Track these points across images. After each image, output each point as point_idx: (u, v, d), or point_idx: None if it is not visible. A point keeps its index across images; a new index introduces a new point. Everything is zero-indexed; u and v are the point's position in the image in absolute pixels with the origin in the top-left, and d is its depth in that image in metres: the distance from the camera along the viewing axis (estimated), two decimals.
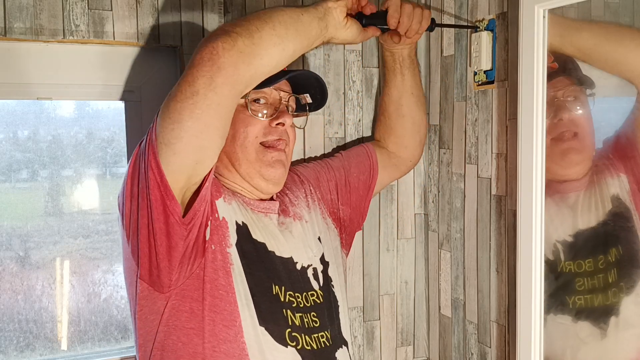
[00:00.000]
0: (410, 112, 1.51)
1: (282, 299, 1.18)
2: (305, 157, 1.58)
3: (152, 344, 1.13)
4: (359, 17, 1.27)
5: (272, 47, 1.08)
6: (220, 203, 1.17)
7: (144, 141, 1.08)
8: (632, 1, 1.13)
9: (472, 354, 1.53)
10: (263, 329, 1.14)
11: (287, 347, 1.16)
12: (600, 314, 1.19)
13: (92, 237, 1.52)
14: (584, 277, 1.20)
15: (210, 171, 1.10)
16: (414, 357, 1.74)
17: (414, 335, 1.74)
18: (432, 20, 1.36)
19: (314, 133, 1.59)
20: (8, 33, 1.31)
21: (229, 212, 1.18)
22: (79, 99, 1.49)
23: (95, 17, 1.37)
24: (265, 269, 1.19)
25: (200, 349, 1.11)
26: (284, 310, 1.18)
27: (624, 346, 1.17)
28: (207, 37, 1.05)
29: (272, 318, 1.16)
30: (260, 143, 1.22)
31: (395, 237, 1.70)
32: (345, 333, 1.29)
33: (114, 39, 1.39)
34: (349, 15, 1.22)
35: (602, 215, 1.19)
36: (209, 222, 1.13)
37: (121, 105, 1.46)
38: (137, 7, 1.40)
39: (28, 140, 1.49)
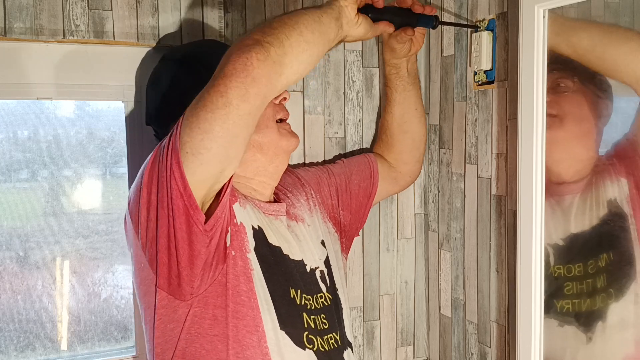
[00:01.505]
0: (412, 128, 1.52)
1: (298, 302, 1.19)
2: (305, 157, 1.58)
3: (173, 352, 1.12)
4: (365, 10, 1.23)
5: (301, 54, 1.07)
6: (237, 207, 1.17)
7: (165, 149, 1.05)
8: (632, 1, 1.12)
9: (472, 354, 1.53)
10: (284, 333, 1.15)
11: (304, 349, 1.16)
12: (587, 319, 1.18)
13: (92, 237, 1.52)
14: (573, 282, 1.20)
15: (230, 177, 1.10)
16: (414, 357, 1.74)
17: (414, 335, 1.74)
18: (436, 17, 1.36)
19: (314, 133, 1.59)
20: (8, 33, 1.31)
21: (245, 216, 1.18)
22: (79, 99, 1.49)
23: (95, 17, 1.37)
24: (282, 273, 1.19)
25: (224, 355, 1.11)
26: (301, 313, 1.18)
27: (610, 351, 1.17)
28: (238, 47, 1.02)
29: (291, 321, 1.16)
30: (275, 121, 1.25)
31: (395, 237, 1.70)
32: (349, 335, 1.30)
33: (114, 39, 1.39)
34: (358, 11, 1.21)
35: (595, 219, 1.18)
36: (229, 228, 1.13)
37: (121, 105, 1.46)
38: (137, 7, 1.40)
39: (28, 140, 1.49)
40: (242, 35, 1.49)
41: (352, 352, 1.29)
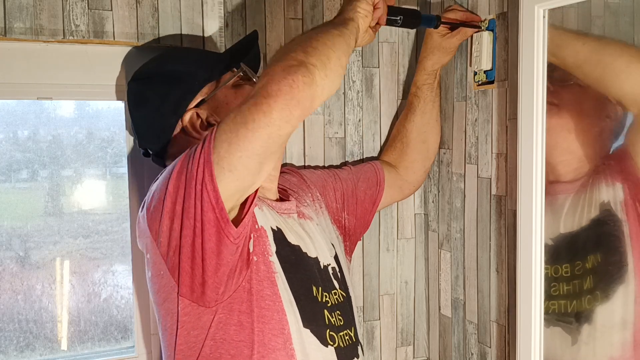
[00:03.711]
0: (430, 139, 1.57)
1: (320, 299, 1.20)
2: (305, 157, 1.58)
3: (196, 358, 1.13)
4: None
5: (338, 78, 1.07)
6: (257, 211, 1.18)
7: (194, 161, 1.03)
8: (632, 1, 1.12)
9: (472, 354, 1.53)
10: (308, 331, 1.16)
11: (327, 347, 1.17)
12: (573, 321, 1.18)
13: (92, 237, 1.52)
14: (560, 282, 1.20)
15: (257, 188, 1.11)
16: (414, 357, 1.74)
17: (414, 335, 1.74)
18: (438, 17, 1.38)
19: (313, 133, 1.59)
20: (8, 33, 1.31)
21: (264, 219, 1.19)
22: (79, 99, 1.49)
23: (95, 17, 1.37)
24: (304, 271, 1.20)
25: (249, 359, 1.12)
26: (322, 310, 1.20)
27: (596, 354, 1.16)
28: (282, 68, 1.01)
29: (314, 319, 1.17)
30: None
31: (395, 237, 1.70)
32: (359, 333, 1.31)
33: (114, 39, 1.39)
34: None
35: (585, 220, 1.17)
36: (252, 235, 1.13)
37: (121, 105, 1.46)
38: (137, 7, 1.40)
39: (28, 140, 1.49)
40: (279, 49, 1.48)
41: (362, 349, 1.30)
